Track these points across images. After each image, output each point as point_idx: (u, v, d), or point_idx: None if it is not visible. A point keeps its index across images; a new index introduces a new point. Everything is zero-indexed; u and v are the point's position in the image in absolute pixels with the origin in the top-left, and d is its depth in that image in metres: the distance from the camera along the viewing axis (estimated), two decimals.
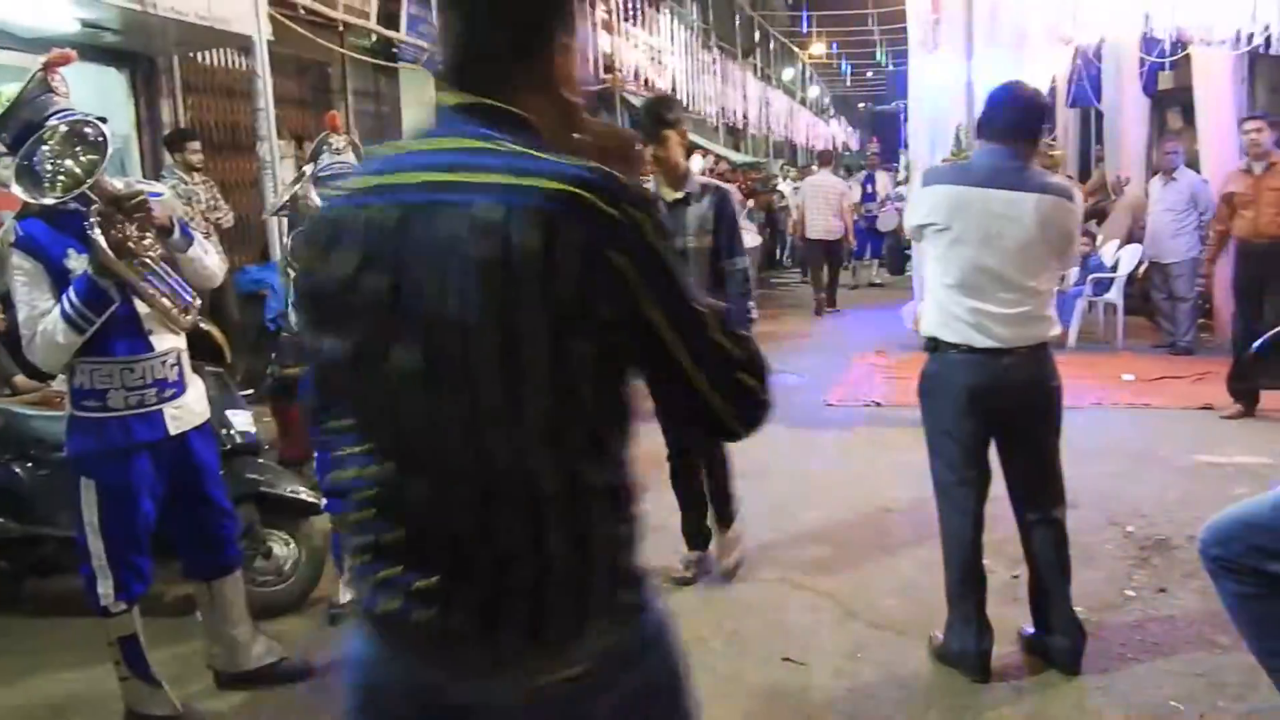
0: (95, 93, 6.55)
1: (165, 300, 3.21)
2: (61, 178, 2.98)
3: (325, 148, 4.09)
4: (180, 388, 3.30)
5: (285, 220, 4.06)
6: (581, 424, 1.32)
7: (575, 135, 1.45)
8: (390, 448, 1.36)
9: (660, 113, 4.21)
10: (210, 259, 3.41)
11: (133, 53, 7.59)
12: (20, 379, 5.14)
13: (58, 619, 4.17)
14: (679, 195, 4.18)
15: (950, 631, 3.47)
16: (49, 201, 2.98)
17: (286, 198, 3.92)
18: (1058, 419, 3.42)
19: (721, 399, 1.37)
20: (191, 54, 8.14)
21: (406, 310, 1.29)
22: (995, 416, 3.35)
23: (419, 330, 1.29)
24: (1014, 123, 3.32)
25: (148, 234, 3.15)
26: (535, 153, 1.29)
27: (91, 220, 3.01)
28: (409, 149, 1.41)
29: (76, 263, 3.06)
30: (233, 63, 8.56)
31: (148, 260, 3.15)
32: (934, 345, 3.43)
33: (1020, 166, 3.30)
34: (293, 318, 4.08)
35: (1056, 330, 3.40)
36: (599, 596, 1.36)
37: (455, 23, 1.40)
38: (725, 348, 1.36)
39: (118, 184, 3.13)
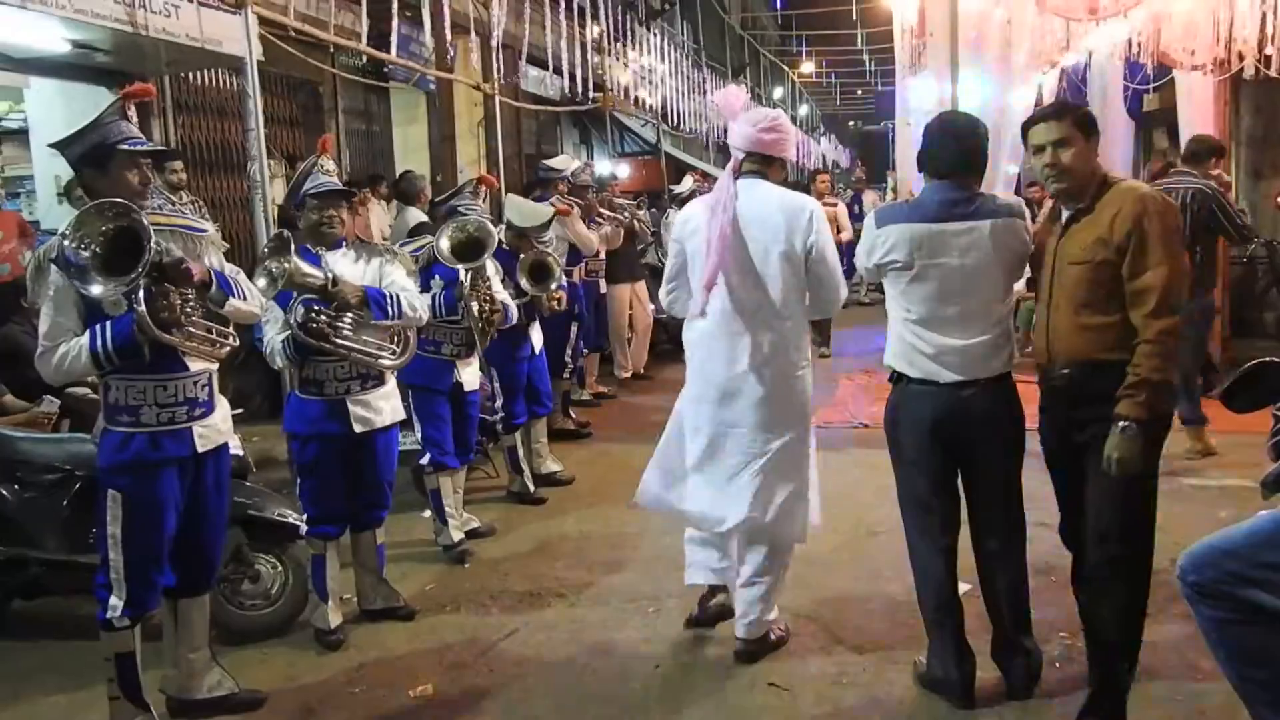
0: (86, 112, 6.54)
1: (204, 347, 3.32)
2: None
3: (316, 169, 4.17)
4: (209, 407, 3.38)
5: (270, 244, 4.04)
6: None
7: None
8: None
9: None
10: (247, 305, 3.47)
11: (124, 72, 7.60)
12: (8, 399, 5.13)
13: (43, 642, 4.17)
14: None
15: (932, 657, 3.49)
16: (97, 290, 3.05)
17: (278, 279, 3.85)
18: (1020, 451, 3.44)
19: None
20: (182, 74, 8.16)
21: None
22: (958, 447, 3.39)
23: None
24: (952, 159, 3.37)
25: (189, 295, 3.24)
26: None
27: (139, 295, 3.08)
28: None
29: (113, 307, 3.14)
30: (224, 82, 8.58)
31: (189, 325, 3.24)
32: (897, 378, 3.47)
33: (969, 197, 3.34)
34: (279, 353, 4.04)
35: (1015, 360, 3.43)
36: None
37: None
38: None
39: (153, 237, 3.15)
